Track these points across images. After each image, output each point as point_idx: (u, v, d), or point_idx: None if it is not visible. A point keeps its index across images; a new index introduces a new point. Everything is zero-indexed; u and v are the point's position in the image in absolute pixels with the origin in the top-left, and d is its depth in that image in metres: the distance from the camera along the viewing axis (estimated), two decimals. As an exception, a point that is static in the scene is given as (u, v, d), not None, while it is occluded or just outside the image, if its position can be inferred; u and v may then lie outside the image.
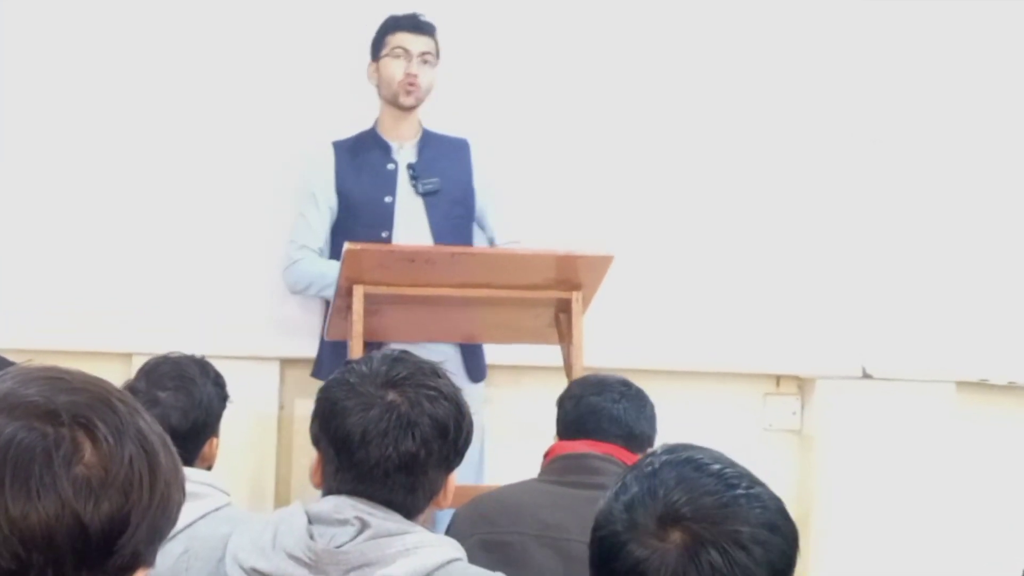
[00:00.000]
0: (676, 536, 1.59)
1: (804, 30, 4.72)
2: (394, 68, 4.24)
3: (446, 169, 4.30)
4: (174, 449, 1.36)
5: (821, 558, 4.64)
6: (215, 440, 3.09)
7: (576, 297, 3.73)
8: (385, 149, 4.31)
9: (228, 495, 2.87)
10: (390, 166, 4.28)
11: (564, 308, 3.76)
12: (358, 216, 4.25)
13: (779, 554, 1.62)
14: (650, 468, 1.67)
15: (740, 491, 1.63)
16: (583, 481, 2.87)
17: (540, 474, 3.03)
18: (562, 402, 3.22)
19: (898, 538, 4.61)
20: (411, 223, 4.19)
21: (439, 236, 4.19)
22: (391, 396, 2.15)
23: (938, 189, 4.74)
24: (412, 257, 3.65)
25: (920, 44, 4.74)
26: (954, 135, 4.75)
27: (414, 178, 4.24)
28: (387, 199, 4.24)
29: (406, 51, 4.24)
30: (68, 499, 1.22)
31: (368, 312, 3.60)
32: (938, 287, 4.73)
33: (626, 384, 3.23)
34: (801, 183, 4.72)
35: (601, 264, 3.73)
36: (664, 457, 1.68)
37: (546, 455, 3.11)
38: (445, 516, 3.42)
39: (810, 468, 4.72)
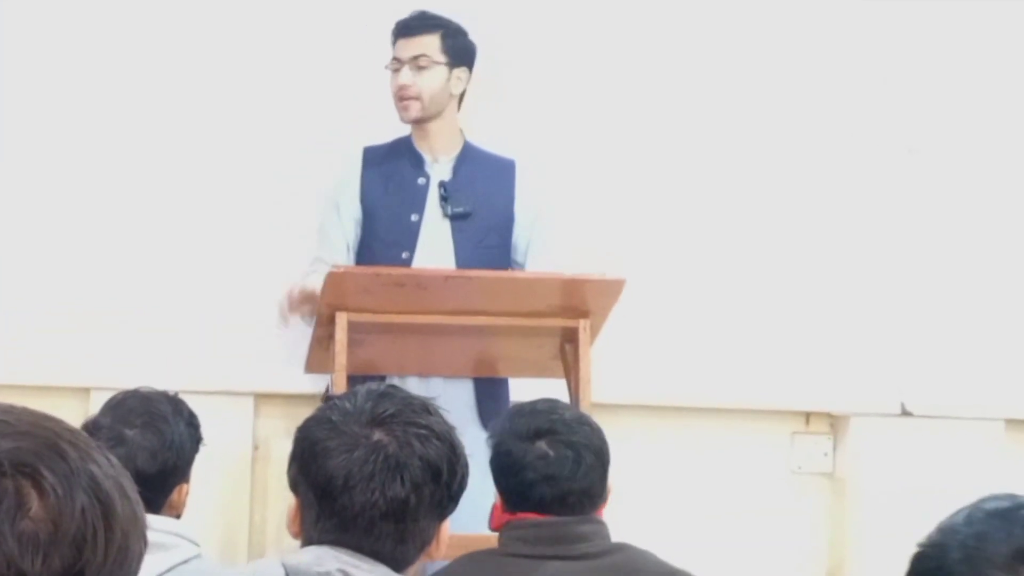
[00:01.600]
0: None
1: (833, 40, 4.72)
2: (391, 83, 4.19)
3: (484, 191, 4.23)
4: (134, 494, 1.34)
5: (856, 615, 4.63)
6: (185, 486, 3.07)
7: (583, 326, 3.73)
8: (418, 162, 4.25)
9: (198, 546, 2.85)
10: (421, 180, 4.23)
11: (570, 338, 3.76)
12: (378, 232, 4.22)
13: None
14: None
15: None
16: (568, 553, 2.80)
17: (504, 544, 2.91)
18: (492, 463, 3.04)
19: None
20: (436, 247, 4.14)
21: (463, 265, 4.10)
22: (377, 436, 2.13)
23: (983, 207, 4.74)
24: (401, 281, 3.65)
25: (962, 45, 4.74)
26: (1004, 146, 4.75)
27: (444, 198, 4.17)
28: (413, 217, 4.19)
29: (399, 60, 4.18)
30: (13, 557, 1.20)
31: (352, 342, 3.60)
32: (985, 315, 4.72)
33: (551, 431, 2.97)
34: (832, 203, 4.72)
35: (612, 289, 3.74)
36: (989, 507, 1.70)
37: (496, 517, 3.00)
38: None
39: (843, 514, 4.71)
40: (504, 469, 2.93)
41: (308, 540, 2.17)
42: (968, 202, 4.74)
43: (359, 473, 2.10)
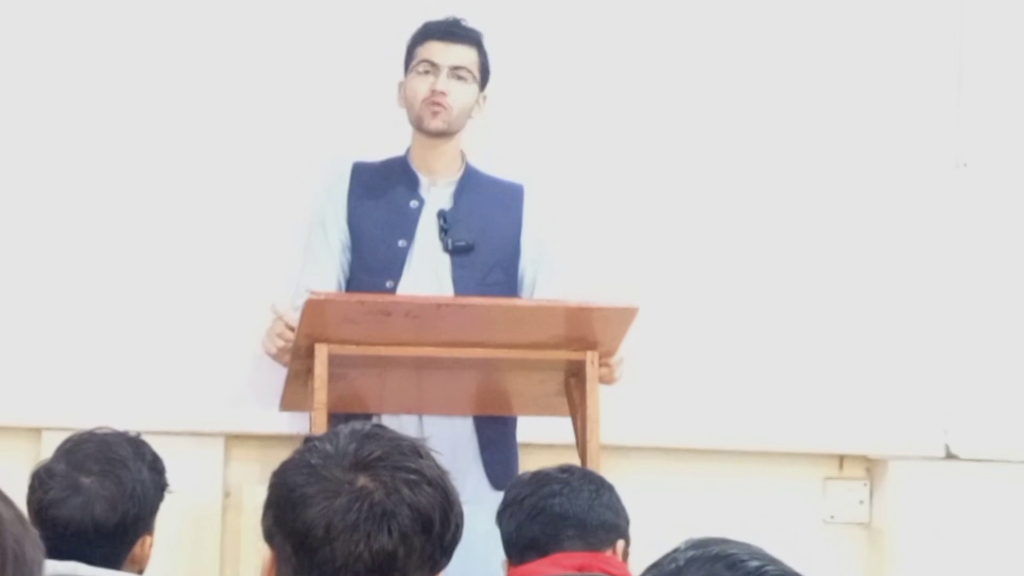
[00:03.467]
0: None
1: (883, 47, 4.75)
2: (418, 85, 4.17)
3: (489, 221, 4.24)
4: (13, 501, 1.37)
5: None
6: (149, 538, 3.07)
7: (591, 358, 3.75)
8: (412, 183, 4.26)
9: (161, 606, 2.86)
10: (413, 203, 4.23)
11: (576, 372, 3.78)
12: (363, 258, 4.23)
13: None
14: (673, 566, 1.67)
15: None
16: None
17: None
18: (500, 517, 3.21)
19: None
20: (430, 281, 4.13)
21: None
22: (362, 481, 2.13)
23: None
24: (388, 309, 3.66)
25: (1012, 56, 4.77)
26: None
27: (444, 230, 4.18)
28: (400, 243, 4.19)
29: (434, 65, 4.17)
30: None
31: (334, 377, 3.61)
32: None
33: (567, 471, 3.22)
34: (869, 226, 4.73)
35: (622, 318, 3.75)
36: (691, 553, 1.68)
37: None
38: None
39: (882, 567, 4.72)
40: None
41: (285, 598, 2.18)
42: (1018, 225, 4.75)
43: (341, 523, 2.10)
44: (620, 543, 3.09)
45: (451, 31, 4.20)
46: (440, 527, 2.15)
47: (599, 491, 3.14)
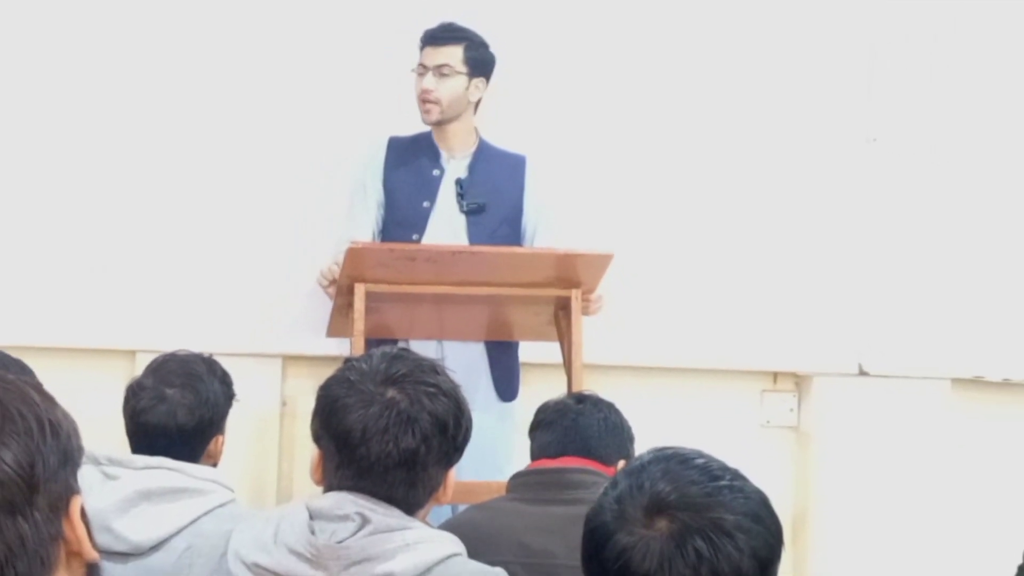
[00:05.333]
0: (662, 524, 1.62)
1: (801, 29, 4.72)
2: (415, 86, 4.16)
3: (498, 186, 4.21)
4: (45, 391, 1.39)
5: (819, 552, 4.64)
6: (220, 437, 3.07)
7: (575, 295, 3.73)
8: (435, 156, 4.23)
9: (232, 492, 2.86)
10: (435, 172, 4.21)
11: (563, 306, 3.76)
12: (394, 215, 4.22)
13: (763, 543, 1.64)
14: (638, 464, 1.71)
15: (724, 482, 1.66)
16: (562, 498, 2.79)
17: (511, 491, 2.93)
18: (531, 434, 3.14)
19: (895, 533, 4.61)
20: (448, 234, 4.11)
21: None
22: (391, 393, 2.14)
23: (933, 188, 4.74)
24: (413, 256, 3.65)
25: (918, 40, 4.74)
26: (949, 133, 4.75)
27: (460, 195, 4.15)
28: (424, 204, 4.18)
29: (424, 67, 4.15)
30: None
31: (369, 310, 3.60)
32: (934, 284, 4.72)
33: (579, 399, 3.14)
34: (799, 183, 4.71)
35: (600, 263, 3.74)
36: (650, 456, 1.72)
37: None
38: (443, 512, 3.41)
39: (807, 464, 4.72)
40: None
41: (329, 486, 2.18)
42: (918, 186, 4.74)
43: (375, 427, 2.12)
44: (622, 462, 3.06)
45: (436, 36, 4.16)
46: (454, 430, 2.17)
47: (605, 416, 3.07)
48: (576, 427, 3.01)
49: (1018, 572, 2.92)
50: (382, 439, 2.11)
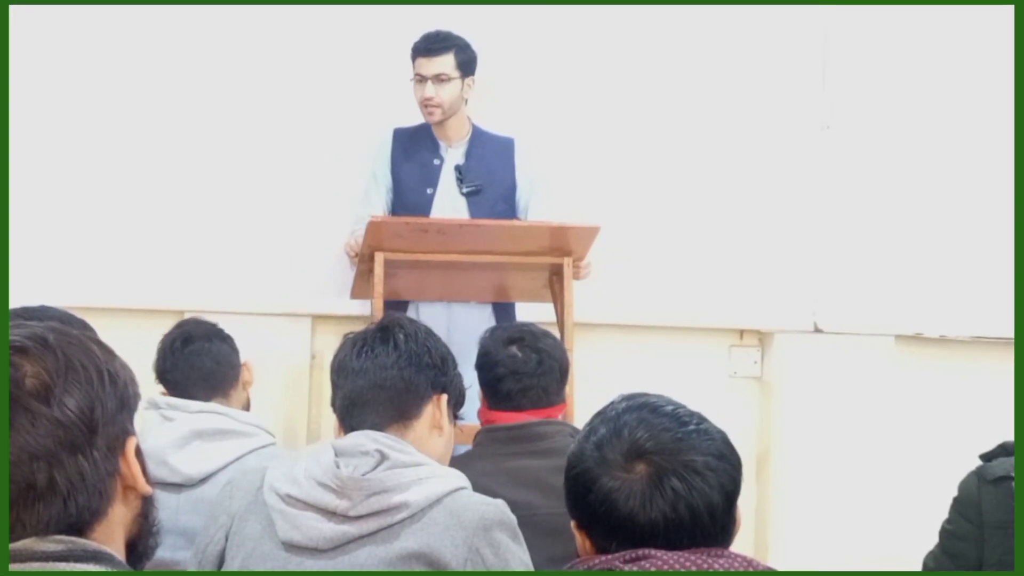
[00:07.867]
0: (641, 468, 1.65)
1: (758, 23, 4.69)
2: (416, 93, 4.15)
3: (492, 169, 4.21)
4: (106, 346, 1.40)
5: (780, 487, 4.64)
6: (247, 363, 3.14)
7: (567, 262, 3.73)
8: (435, 146, 4.23)
9: (273, 437, 2.89)
10: (436, 161, 4.21)
11: (557, 272, 3.76)
12: (401, 200, 4.22)
13: (728, 478, 1.68)
14: (614, 412, 1.73)
15: (691, 427, 1.69)
16: (534, 449, 2.74)
17: (478, 446, 2.83)
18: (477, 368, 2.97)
19: (845, 470, 4.62)
20: (450, 216, 4.07)
21: None
22: (378, 349, 2.27)
23: (879, 170, 4.73)
24: (425, 228, 3.64)
25: (871, 33, 4.72)
26: (897, 121, 4.74)
27: (459, 180, 4.15)
28: (428, 190, 4.19)
29: (421, 76, 4.13)
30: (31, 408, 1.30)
31: (387, 275, 3.60)
32: (880, 253, 4.72)
33: (521, 348, 2.92)
34: (762, 167, 4.70)
35: (589, 234, 3.73)
36: (624, 404, 1.74)
37: (482, 412, 2.95)
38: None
39: (769, 410, 4.72)
40: (483, 367, 2.93)
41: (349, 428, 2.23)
42: (867, 169, 4.73)
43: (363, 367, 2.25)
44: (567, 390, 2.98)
45: (429, 48, 4.13)
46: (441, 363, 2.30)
47: (541, 361, 2.90)
48: (530, 385, 2.87)
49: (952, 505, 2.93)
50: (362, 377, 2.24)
